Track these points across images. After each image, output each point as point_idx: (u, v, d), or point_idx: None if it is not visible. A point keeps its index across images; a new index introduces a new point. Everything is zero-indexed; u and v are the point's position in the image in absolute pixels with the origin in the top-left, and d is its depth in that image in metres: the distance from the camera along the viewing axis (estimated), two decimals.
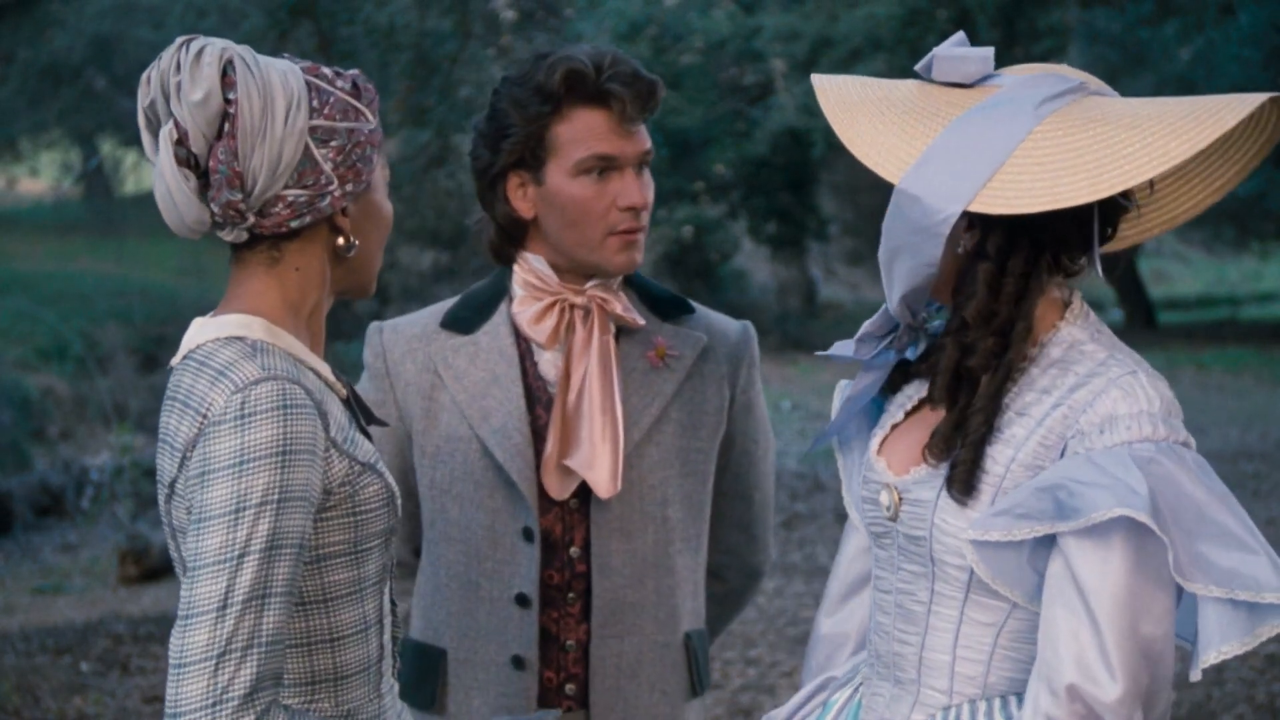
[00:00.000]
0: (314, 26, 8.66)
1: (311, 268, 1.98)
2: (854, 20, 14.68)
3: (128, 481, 9.71)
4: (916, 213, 1.95)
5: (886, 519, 2.11)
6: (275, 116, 1.88)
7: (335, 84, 1.95)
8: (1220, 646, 1.92)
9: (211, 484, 1.82)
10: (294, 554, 1.83)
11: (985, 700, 2.05)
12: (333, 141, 1.92)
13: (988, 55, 2.05)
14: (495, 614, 2.55)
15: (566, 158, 2.48)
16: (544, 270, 2.54)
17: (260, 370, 1.86)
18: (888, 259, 2.01)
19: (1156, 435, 1.94)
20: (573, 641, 2.57)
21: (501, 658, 2.54)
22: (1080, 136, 1.93)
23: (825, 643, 2.39)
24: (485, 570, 2.55)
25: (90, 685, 6.53)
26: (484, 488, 2.55)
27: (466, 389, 2.56)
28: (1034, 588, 1.98)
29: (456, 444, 2.56)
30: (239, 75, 1.88)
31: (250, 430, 1.82)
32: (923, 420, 2.13)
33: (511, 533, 2.54)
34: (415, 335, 2.61)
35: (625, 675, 2.57)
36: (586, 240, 2.50)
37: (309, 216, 1.93)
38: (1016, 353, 2.01)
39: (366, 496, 1.95)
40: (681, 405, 2.60)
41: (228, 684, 1.77)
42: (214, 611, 1.78)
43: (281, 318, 1.96)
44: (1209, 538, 1.90)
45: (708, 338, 2.64)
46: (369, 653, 1.99)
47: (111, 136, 23.54)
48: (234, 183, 1.88)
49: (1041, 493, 1.92)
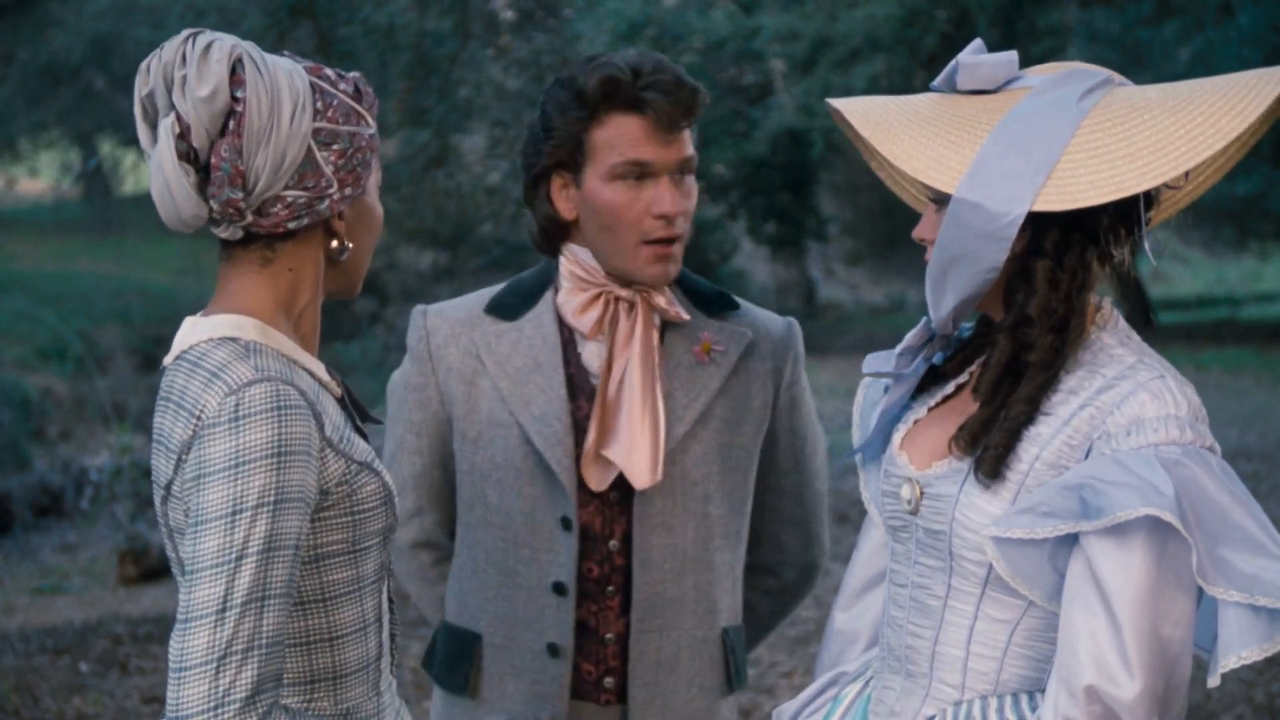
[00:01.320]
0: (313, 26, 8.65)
1: (304, 269, 1.98)
2: (853, 20, 14.68)
3: (127, 482, 9.70)
4: (979, 220, 1.95)
5: (907, 512, 2.12)
6: (281, 117, 1.88)
7: (338, 86, 1.95)
8: (1240, 651, 1.93)
9: (208, 487, 1.81)
10: (291, 555, 1.83)
11: (997, 697, 2.06)
12: (335, 145, 1.92)
13: (1012, 59, 2.06)
14: (532, 601, 2.57)
15: (601, 162, 2.50)
16: (590, 262, 2.57)
17: (254, 372, 1.86)
18: (941, 270, 2.02)
19: (1183, 439, 1.95)
20: (612, 635, 2.58)
21: (537, 645, 2.56)
22: (1130, 124, 1.95)
23: (839, 637, 2.40)
24: (523, 557, 2.57)
25: (89, 685, 6.53)
26: (523, 475, 2.57)
27: (509, 375, 2.58)
28: (1053, 587, 1.98)
29: (497, 430, 2.58)
30: (248, 74, 1.87)
31: (245, 432, 1.82)
32: (946, 417, 2.14)
33: (550, 521, 2.56)
34: (459, 320, 2.63)
35: (664, 670, 2.58)
36: (620, 246, 2.51)
37: (306, 218, 1.93)
38: (1071, 347, 2.03)
39: (364, 496, 1.94)
40: (726, 401, 2.62)
41: (229, 687, 1.77)
42: (213, 614, 1.78)
43: (273, 317, 1.95)
44: (1232, 542, 1.91)
45: (753, 334, 2.66)
46: (368, 651, 1.99)
47: (111, 137, 23.55)
48: (236, 181, 1.88)
49: (1067, 491, 1.93)
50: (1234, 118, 1.93)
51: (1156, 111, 1.96)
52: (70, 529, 10.65)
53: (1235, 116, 1.93)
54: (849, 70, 15.10)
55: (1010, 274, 2.04)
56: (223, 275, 1.98)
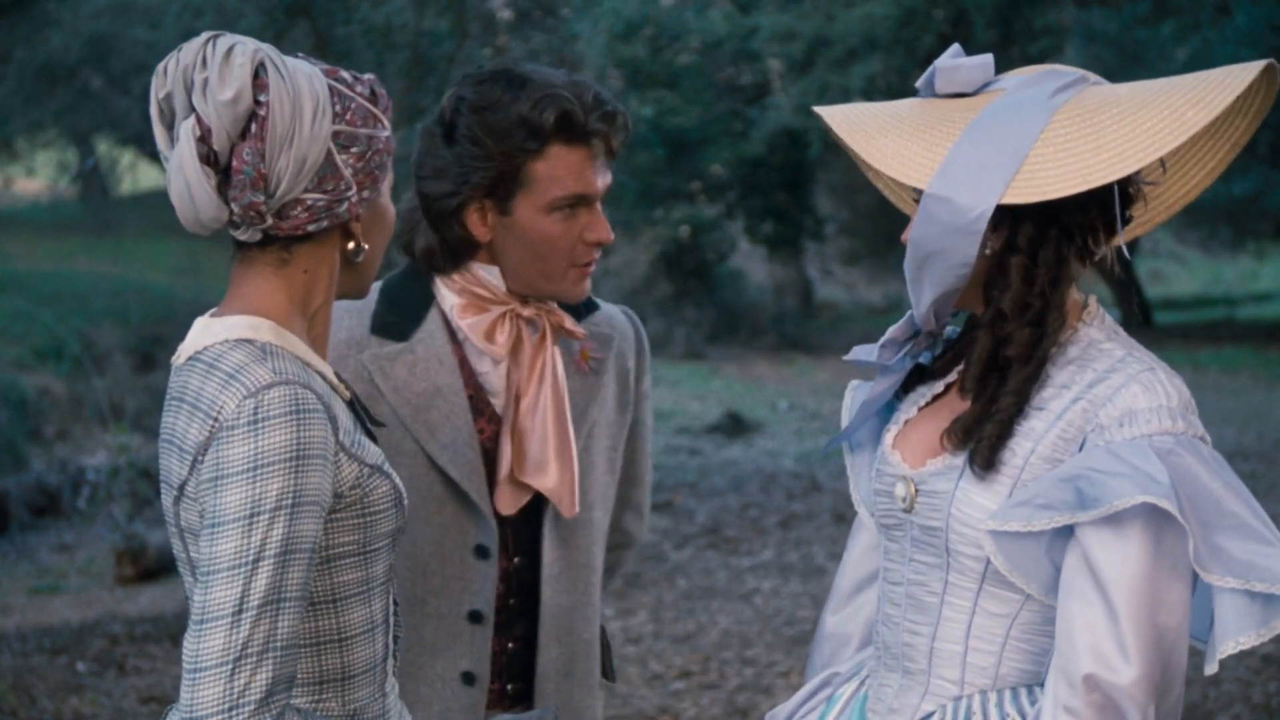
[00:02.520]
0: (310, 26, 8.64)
1: (320, 271, 1.98)
2: (850, 20, 14.68)
3: (124, 481, 9.69)
4: (948, 214, 1.98)
5: (901, 511, 2.14)
6: (303, 121, 1.88)
7: (355, 89, 1.96)
8: (1236, 637, 1.95)
9: (225, 489, 1.81)
10: (307, 559, 1.84)
11: (996, 691, 2.07)
12: (354, 148, 1.93)
13: (988, 62, 2.09)
14: (443, 630, 2.51)
15: (541, 195, 2.43)
16: (494, 281, 2.49)
17: (272, 374, 1.86)
18: (916, 267, 2.04)
19: (1175, 429, 1.97)
20: (514, 645, 2.56)
21: (450, 673, 2.51)
22: (1099, 118, 1.98)
23: (830, 640, 2.41)
24: (432, 587, 2.51)
25: (87, 685, 6.53)
26: (431, 503, 2.49)
27: (408, 401, 2.48)
28: (1050, 580, 2.00)
29: (400, 458, 2.47)
30: (270, 78, 1.87)
31: (264, 435, 1.82)
32: (937, 415, 2.15)
33: (461, 549, 2.50)
34: (343, 340, 2.49)
35: (562, 676, 2.59)
36: (548, 272, 2.47)
37: (325, 221, 1.93)
38: (1050, 341, 2.05)
39: (377, 498, 1.95)
40: (604, 408, 2.61)
41: (244, 689, 1.78)
42: (229, 616, 1.78)
43: (288, 319, 1.95)
44: (1226, 529, 1.93)
45: (615, 334, 2.64)
46: (375, 652, 2.00)
47: (108, 136, 23.53)
48: (258, 184, 1.88)
49: (1062, 483, 1.95)
50: (1201, 110, 1.95)
51: (1126, 106, 1.99)
52: (67, 529, 10.64)
53: (1203, 109, 1.95)
54: (846, 70, 15.11)
55: (988, 270, 2.06)
56: (237, 276, 1.98)
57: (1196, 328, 20.34)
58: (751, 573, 8.38)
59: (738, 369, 17.08)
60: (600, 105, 2.44)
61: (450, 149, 2.44)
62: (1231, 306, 23.69)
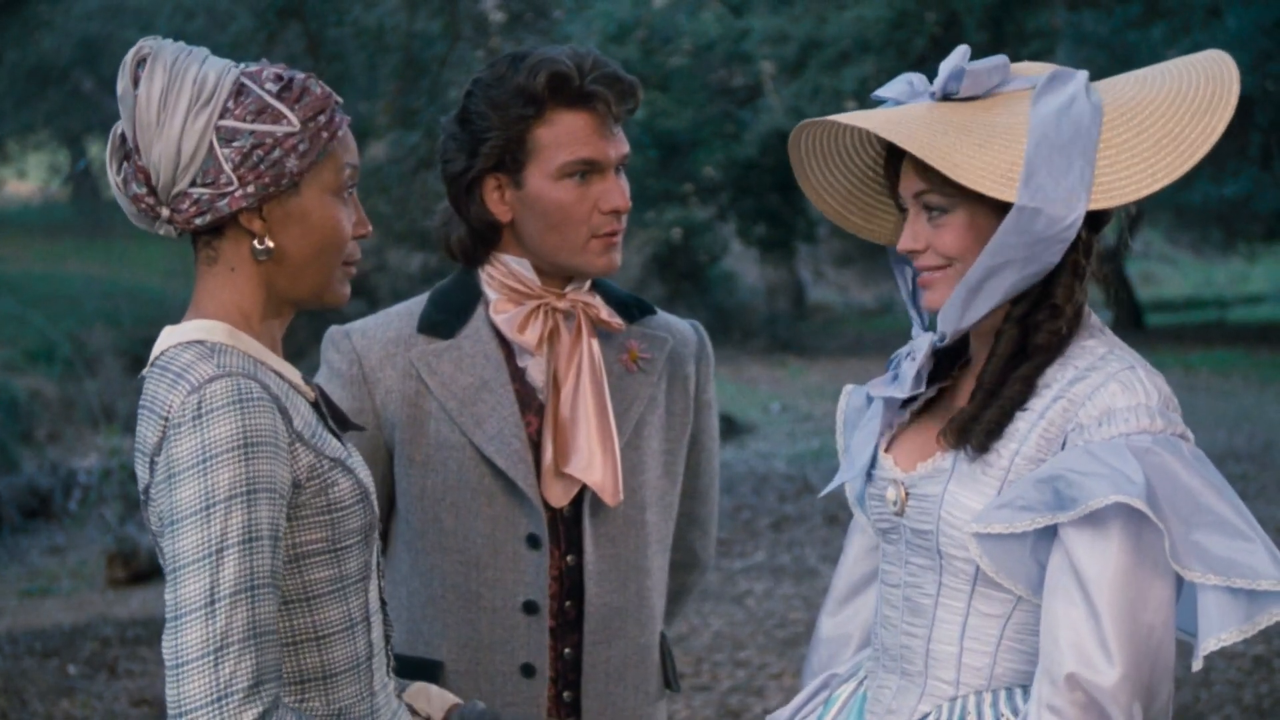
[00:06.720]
0: (302, 28, 8.63)
1: (242, 269, 1.97)
2: (843, 23, 14.69)
3: (115, 484, 9.69)
4: (1040, 225, 2.00)
5: (893, 514, 2.15)
6: (175, 112, 1.90)
7: (264, 84, 1.94)
8: (1219, 634, 1.96)
9: (178, 485, 1.83)
10: (270, 545, 1.84)
11: (991, 691, 2.08)
12: (235, 142, 1.91)
13: (1005, 63, 2.11)
14: (499, 623, 2.52)
15: (549, 161, 2.46)
16: (525, 273, 2.52)
17: (215, 368, 1.87)
18: (984, 275, 2.04)
19: (1154, 427, 1.98)
20: (569, 649, 2.56)
21: (509, 667, 2.52)
22: (1138, 120, 2.04)
23: (827, 643, 2.41)
24: (486, 580, 2.52)
25: (78, 688, 6.52)
26: (481, 495, 2.51)
27: (455, 395, 2.51)
28: (1037, 581, 2.01)
29: (449, 451, 2.51)
30: (145, 70, 1.91)
31: (209, 428, 1.83)
32: (929, 420, 2.17)
33: (513, 540, 2.51)
34: (392, 340, 2.54)
35: (614, 680, 2.57)
36: (569, 244, 2.49)
37: (209, 215, 1.93)
38: (1078, 334, 2.08)
39: (339, 494, 1.95)
40: (656, 408, 2.60)
41: (230, 678, 1.78)
42: (202, 608, 1.79)
43: (240, 321, 1.96)
44: (1206, 526, 1.94)
45: (671, 340, 2.64)
46: (356, 651, 1.99)
47: (99, 138, 23.47)
48: (139, 176, 1.91)
49: (1041, 484, 1.96)
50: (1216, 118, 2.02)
51: (1151, 107, 2.05)
52: (59, 531, 10.62)
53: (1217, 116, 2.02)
54: (838, 72, 15.12)
55: None
56: (196, 281, 2.00)
57: (1188, 330, 20.38)
58: (744, 575, 8.38)
59: (730, 371, 17.08)
60: (600, 68, 2.45)
61: (464, 129, 2.49)
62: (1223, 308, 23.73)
